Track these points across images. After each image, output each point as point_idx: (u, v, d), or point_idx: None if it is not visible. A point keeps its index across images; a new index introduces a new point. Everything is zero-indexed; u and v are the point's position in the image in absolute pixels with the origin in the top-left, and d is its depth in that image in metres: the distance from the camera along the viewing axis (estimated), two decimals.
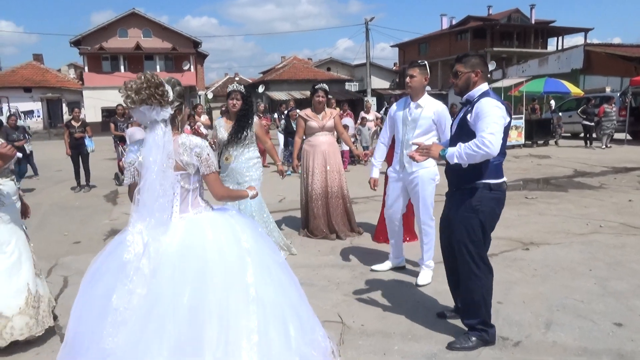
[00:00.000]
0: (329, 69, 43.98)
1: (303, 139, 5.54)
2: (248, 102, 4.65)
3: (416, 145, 2.85)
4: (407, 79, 3.84)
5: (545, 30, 44.28)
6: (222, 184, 2.53)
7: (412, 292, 3.82)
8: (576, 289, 3.75)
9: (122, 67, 34.10)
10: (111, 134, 10.32)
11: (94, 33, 34.06)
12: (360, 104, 26.68)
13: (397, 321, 3.28)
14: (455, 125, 2.97)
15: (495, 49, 38.83)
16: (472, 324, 2.90)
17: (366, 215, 6.22)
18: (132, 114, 2.28)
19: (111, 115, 12.69)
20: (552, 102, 20.04)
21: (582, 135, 15.76)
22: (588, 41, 37.34)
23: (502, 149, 2.80)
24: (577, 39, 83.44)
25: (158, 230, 2.25)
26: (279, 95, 34.05)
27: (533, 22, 43.49)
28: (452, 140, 2.92)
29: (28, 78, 33.43)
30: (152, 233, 2.23)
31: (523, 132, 15.24)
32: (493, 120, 2.64)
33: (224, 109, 5.17)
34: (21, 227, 3.21)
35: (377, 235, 5.22)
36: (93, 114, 31.50)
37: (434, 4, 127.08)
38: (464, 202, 2.82)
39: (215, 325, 2.14)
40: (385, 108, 17.87)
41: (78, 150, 9.36)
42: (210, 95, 30.68)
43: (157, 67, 34.71)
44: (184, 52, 35.29)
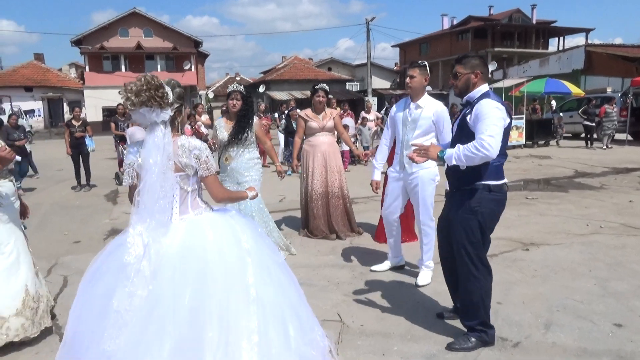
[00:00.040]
0: (329, 69, 43.98)
1: (303, 139, 5.54)
2: (248, 102, 4.63)
3: (415, 147, 2.84)
4: (407, 79, 3.83)
5: (547, 31, 44.26)
6: (222, 186, 2.52)
7: (412, 292, 3.82)
8: (576, 289, 3.74)
9: (123, 67, 34.14)
10: (112, 134, 10.34)
11: (95, 32, 34.12)
12: (361, 104, 26.67)
13: (397, 321, 3.28)
14: (455, 127, 2.97)
15: (496, 49, 38.81)
16: (471, 324, 2.90)
17: (366, 215, 6.22)
18: (132, 115, 2.27)
19: (112, 115, 12.69)
20: (553, 102, 20.03)
21: (583, 135, 15.75)
22: (589, 41, 37.29)
23: (503, 150, 2.79)
24: (578, 39, 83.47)
25: (158, 231, 2.24)
26: (280, 95, 34.05)
27: (534, 22, 43.47)
28: (453, 142, 2.91)
29: (29, 77, 33.50)
30: (152, 235, 2.23)
31: (524, 133, 15.23)
32: (492, 122, 2.63)
33: (224, 108, 5.17)
34: (20, 227, 3.20)
35: (378, 235, 5.21)
36: (94, 114, 31.56)
37: (435, 4, 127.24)
38: (464, 203, 2.82)
39: (216, 326, 2.14)
40: (385, 108, 17.85)
41: (78, 150, 9.38)
42: (211, 95, 30.68)
43: (158, 66, 34.76)
44: (185, 51, 35.31)
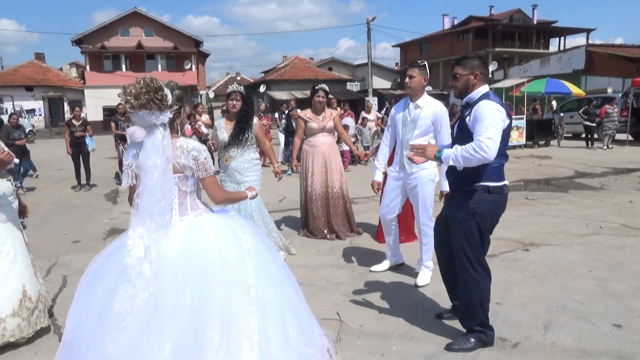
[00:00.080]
0: (330, 69, 43.98)
1: (303, 140, 5.54)
2: (248, 102, 4.61)
3: (420, 156, 2.81)
4: (407, 79, 3.82)
5: (547, 31, 44.24)
6: (220, 188, 2.51)
7: (411, 292, 3.82)
8: (576, 290, 3.74)
9: (123, 66, 34.14)
10: (112, 133, 10.34)
11: (96, 32, 34.14)
12: (361, 103, 26.63)
13: (396, 322, 3.28)
14: (456, 128, 2.97)
15: (497, 49, 38.80)
16: (470, 325, 2.89)
17: (366, 216, 6.22)
18: (131, 118, 2.27)
19: (112, 114, 12.71)
20: (553, 102, 20.02)
21: (583, 135, 15.74)
22: (590, 42, 37.28)
23: (503, 151, 2.79)
24: (579, 40, 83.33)
25: (159, 233, 2.24)
26: (281, 95, 34.04)
27: (535, 22, 43.46)
28: (453, 143, 2.91)
29: (30, 77, 33.54)
30: (153, 237, 2.23)
31: (524, 133, 15.21)
32: (491, 125, 2.62)
33: (225, 108, 5.16)
34: (18, 227, 3.20)
35: (378, 235, 5.20)
36: (94, 113, 31.58)
37: (436, 4, 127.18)
38: (463, 204, 2.81)
39: (217, 327, 2.14)
40: (386, 108, 17.85)
41: (79, 149, 9.39)
42: (211, 95, 30.69)
43: (159, 66, 34.77)
44: (186, 51, 35.31)
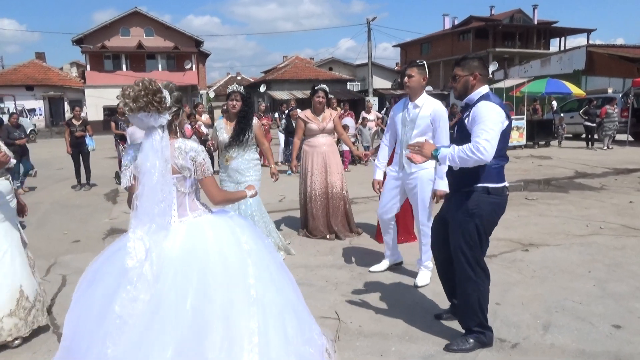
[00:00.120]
0: (330, 69, 43.97)
1: (303, 140, 5.53)
2: (248, 103, 4.61)
3: (417, 154, 2.79)
4: (405, 78, 3.82)
5: (548, 31, 44.23)
6: (219, 188, 2.50)
7: (411, 293, 3.81)
8: (575, 290, 3.74)
9: (124, 66, 34.15)
10: (112, 133, 10.34)
11: (96, 32, 34.15)
12: (362, 103, 26.62)
13: (395, 322, 3.28)
14: (456, 129, 2.96)
15: (497, 50, 38.78)
16: (469, 326, 2.89)
17: (366, 216, 6.21)
18: (130, 119, 2.27)
19: (112, 114, 12.71)
20: (553, 102, 20.02)
21: (583, 136, 15.73)
22: (591, 42, 37.29)
23: (503, 152, 2.78)
24: (579, 40, 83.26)
25: (159, 235, 2.24)
26: (281, 94, 34.03)
27: (535, 22, 43.45)
28: (453, 144, 2.90)
29: (30, 76, 33.55)
30: (153, 238, 2.22)
31: (524, 133, 15.20)
32: (489, 126, 2.60)
33: (225, 108, 5.16)
34: (16, 226, 3.19)
35: (379, 235, 5.20)
36: (95, 113, 31.60)
37: (437, 4, 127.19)
38: (462, 205, 2.80)
39: (218, 328, 2.14)
40: (386, 108, 17.84)
41: (79, 149, 9.39)
42: (211, 95, 30.66)
43: (159, 66, 34.78)
44: (186, 51, 35.31)
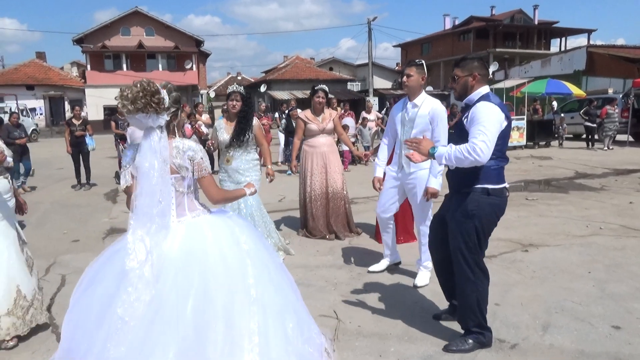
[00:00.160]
0: (331, 69, 43.95)
1: (302, 140, 5.53)
2: (248, 103, 4.60)
3: (414, 150, 2.78)
4: (404, 78, 3.81)
5: (548, 31, 44.23)
6: (218, 187, 2.50)
7: (410, 293, 3.81)
8: (575, 291, 3.73)
9: (124, 66, 34.15)
10: (112, 132, 10.34)
11: (97, 31, 34.14)
12: (362, 103, 26.60)
13: (394, 322, 3.27)
14: (456, 130, 2.96)
15: (498, 50, 38.78)
16: (468, 326, 2.89)
17: (366, 216, 6.21)
18: (129, 120, 2.28)
19: (113, 114, 12.69)
20: (554, 103, 20.00)
21: (584, 136, 15.72)
22: (591, 42, 37.28)
23: (503, 153, 2.78)
24: (580, 40, 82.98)
25: (159, 235, 2.24)
26: (281, 94, 34.01)
27: (536, 22, 43.43)
28: (453, 142, 2.90)
29: (31, 76, 33.56)
30: (154, 239, 2.22)
31: (525, 133, 15.19)
32: (487, 128, 2.59)
33: (225, 108, 5.17)
34: (14, 226, 3.19)
35: (378, 234, 5.19)
36: (95, 112, 31.61)
37: (437, 4, 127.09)
38: (461, 206, 2.80)
39: (219, 328, 2.14)
40: (386, 108, 17.83)
41: (79, 149, 9.40)
42: (212, 94, 30.61)
43: (160, 65, 34.78)
44: (187, 50, 35.31)
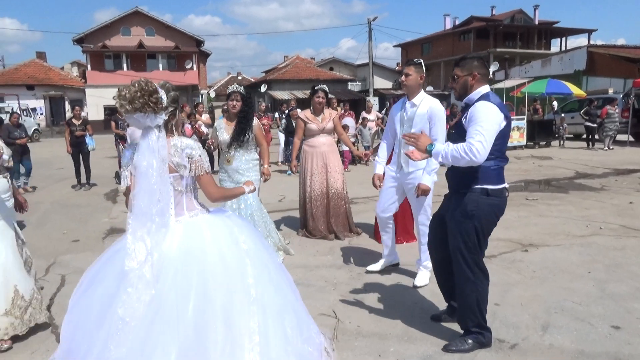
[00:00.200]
0: (331, 69, 43.95)
1: (302, 140, 5.52)
2: (248, 103, 4.61)
3: (411, 145, 2.78)
4: (403, 77, 3.81)
5: (549, 31, 44.21)
6: (216, 185, 2.50)
7: (410, 293, 3.81)
8: (574, 291, 3.73)
9: (124, 66, 34.13)
10: (112, 132, 10.34)
11: (97, 31, 34.12)
12: (362, 103, 26.60)
13: (394, 322, 3.27)
14: (455, 129, 2.96)
15: (498, 50, 38.78)
16: (467, 326, 2.89)
17: (366, 216, 6.20)
18: (127, 120, 2.28)
19: (113, 114, 12.69)
20: (554, 103, 19.99)
21: (584, 136, 15.70)
22: (592, 42, 37.25)
23: (503, 153, 2.77)
24: (580, 40, 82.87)
25: (159, 234, 2.24)
26: (282, 94, 34.01)
27: (536, 22, 43.42)
28: (451, 141, 2.90)
29: (31, 76, 33.55)
30: (154, 238, 2.22)
31: (525, 133, 15.18)
32: (484, 128, 2.59)
33: (225, 107, 5.18)
34: (12, 226, 3.19)
35: (377, 233, 5.18)
36: (95, 112, 31.60)
37: (437, 4, 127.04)
38: (461, 206, 2.79)
39: (220, 328, 2.14)
40: (386, 108, 17.82)
41: (79, 149, 9.40)
42: (212, 94, 30.62)
43: (160, 65, 34.77)
44: (187, 50, 35.29)
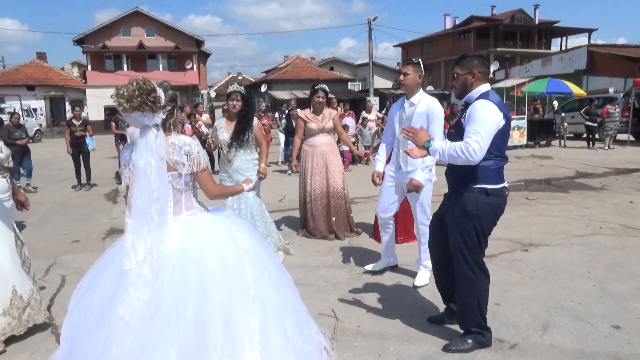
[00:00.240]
0: (331, 69, 43.94)
1: (303, 140, 5.52)
2: (248, 103, 4.62)
3: (410, 140, 2.77)
4: (401, 76, 3.82)
5: (549, 31, 44.20)
6: (214, 182, 2.49)
7: (409, 293, 3.81)
8: (575, 290, 3.73)
9: (125, 66, 34.14)
10: (113, 133, 10.35)
11: (97, 31, 34.15)
12: (363, 103, 26.60)
13: (394, 322, 3.27)
14: (455, 128, 2.95)
15: (498, 49, 38.79)
16: (467, 326, 2.88)
17: (366, 215, 6.20)
18: (125, 119, 2.28)
19: (113, 114, 12.70)
20: (554, 102, 19.97)
21: (584, 136, 15.68)
22: (592, 42, 37.25)
23: (502, 152, 2.77)
24: (580, 40, 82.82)
25: (158, 232, 2.24)
26: (282, 94, 34.01)
27: (537, 22, 43.43)
28: (451, 140, 2.89)
29: (31, 76, 33.56)
30: (154, 237, 2.22)
31: (525, 133, 15.16)
32: (482, 127, 2.58)
33: (225, 107, 5.19)
34: (10, 226, 3.19)
35: (376, 231, 5.17)
36: (96, 113, 31.63)
37: (438, 3, 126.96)
38: (460, 206, 2.79)
39: (219, 327, 2.15)
40: (386, 108, 17.80)
41: (79, 149, 9.40)
42: (212, 94, 30.66)
43: (160, 65, 34.79)
44: (187, 50, 35.30)
